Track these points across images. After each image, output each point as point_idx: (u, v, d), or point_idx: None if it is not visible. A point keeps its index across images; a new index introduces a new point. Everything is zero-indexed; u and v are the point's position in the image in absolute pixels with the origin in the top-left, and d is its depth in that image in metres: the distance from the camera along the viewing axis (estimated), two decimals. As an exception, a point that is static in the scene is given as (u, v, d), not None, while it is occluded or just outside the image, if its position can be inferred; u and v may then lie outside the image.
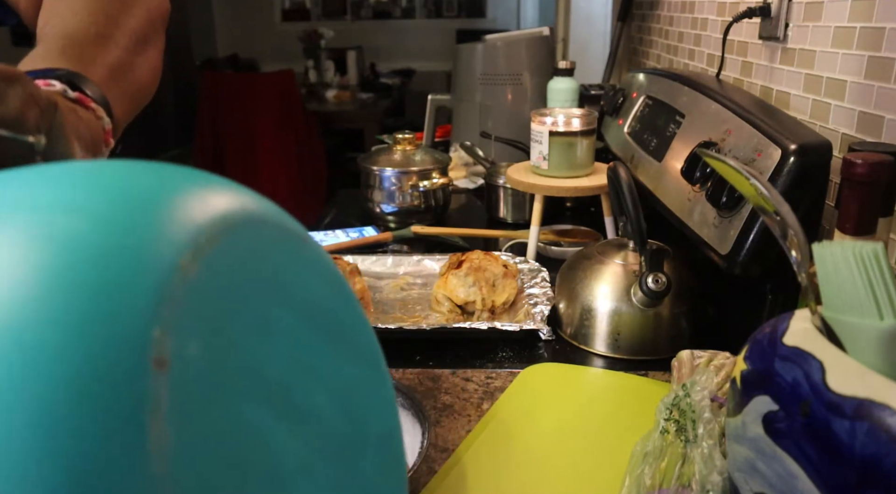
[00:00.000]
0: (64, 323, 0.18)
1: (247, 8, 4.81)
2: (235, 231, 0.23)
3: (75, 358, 0.18)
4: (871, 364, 0.32)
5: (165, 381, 0.18)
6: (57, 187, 0.22)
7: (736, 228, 0.64)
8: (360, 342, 0.33)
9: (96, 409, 0.17)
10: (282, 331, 0.26)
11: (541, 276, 0.86)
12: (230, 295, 0.23)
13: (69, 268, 0.19)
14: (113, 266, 0.19)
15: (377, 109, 3.54)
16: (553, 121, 0.93)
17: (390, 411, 0.34)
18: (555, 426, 0.61)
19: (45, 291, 0.18)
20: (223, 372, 0.22)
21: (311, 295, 0.29)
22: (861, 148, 0.54)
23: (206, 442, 0.20)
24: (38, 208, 0.21)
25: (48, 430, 0.17)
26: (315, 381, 0.28)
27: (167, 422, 0.18)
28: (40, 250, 0.19)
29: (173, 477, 0.18)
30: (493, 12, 4.94)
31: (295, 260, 0.28)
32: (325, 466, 0.28)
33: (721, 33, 0.96)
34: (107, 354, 0.18)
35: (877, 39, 0.64)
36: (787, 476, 0.34)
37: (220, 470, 0.21)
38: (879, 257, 0.32)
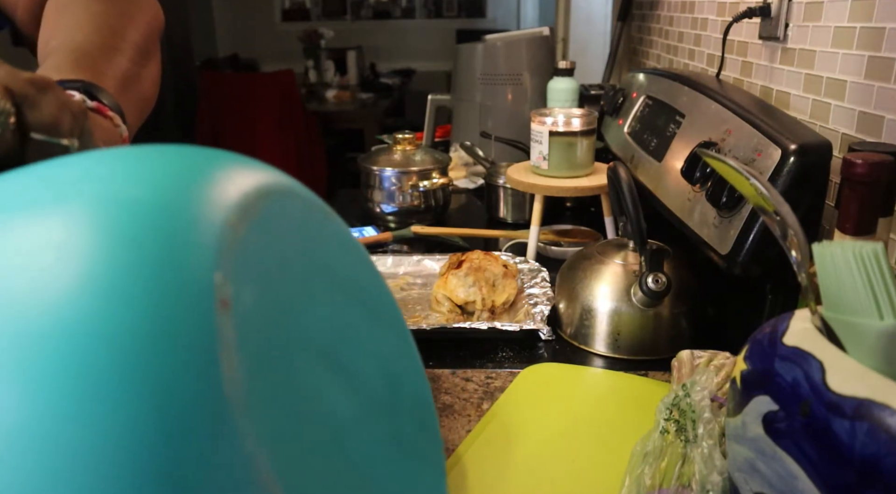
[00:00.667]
0: (139, 272, 0.20)
1: (247, 8, 4.81)
2: (273, 198, 0.26)
3: (154, 304, 0.20)
4: (871, 364, 0.32)
5: (229, 320, 0.21)
6: (114, 163, 0.24)
7: (736, 228, 0.64)
8: (388, 313, 0.35)
9: (174, 345, 0.19)
10: (322, 298, 0.29)
11: (541, 276, 0.86)
12: (274, 256, 0.25)
13: (139, 226, 0.21)
14: (175, 224, 0.21)
15: (377, 109, 3.54)
16: (553, 121, 0.93)
17: (421, 376, 0.37)
18: (555, 426, 0.61)
19: (120, 246, 0.20)
20: (277, 325, 0.24)
21: (343, 268, 0.32)
22: (861, 148, 0.54)
23: (270, 383, 0.22)
24: (102, 179, 0.23)
25: (133, 366, 0.18)
26: (356, 345, 0.30)
27: (235, 357, 0.20)
28: (110, 213, 0.21)
29: (246, 407, 0.20)
30: (493, 12, 4.94)
31: (326, 233, 0.31)
32: (371, 421, 0.30)
33: (721, 33, 0.96)
34: (179, 297, 0.20)
35: (877, 39, 0.64)
36: (787, 476, 0.34)
37: (284, 411, 0.23)
38: (879, 257, 0.32)
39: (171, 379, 0.19)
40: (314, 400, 0.26)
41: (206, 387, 0.19)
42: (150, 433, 0.18)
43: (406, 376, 0.35)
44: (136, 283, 0.20)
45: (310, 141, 3.36)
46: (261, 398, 0.21)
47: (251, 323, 0.22)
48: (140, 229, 0.21)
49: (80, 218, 0.21)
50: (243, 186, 0.25)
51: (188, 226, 0.22)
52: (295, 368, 0.25)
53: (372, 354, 0.32)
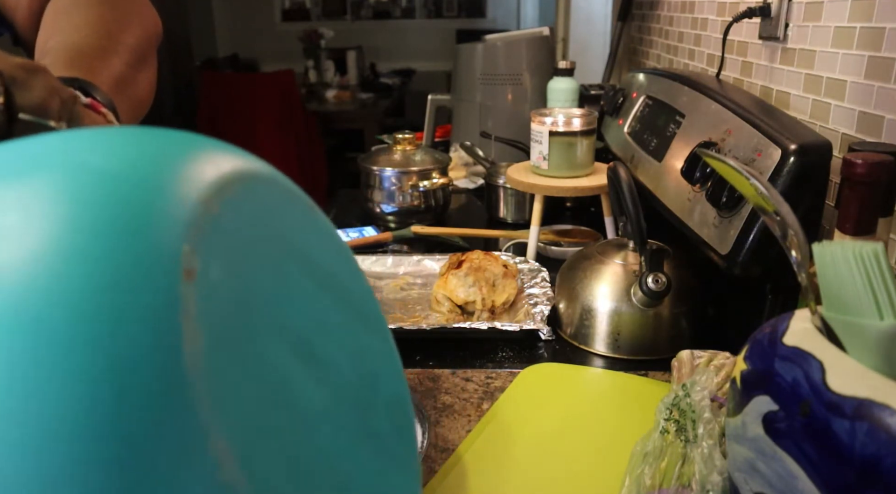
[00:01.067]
0: (107, 235, 0.20)
1: (247, 8, 4.81)
2: (251, 181, 0.26)
3: (117, 265, 0.20)
4: (871, 364, 0.32)
5: (193, 290, 0.21)
6: (92, 138, 0.24)
7: (736, 228, 0.64)
8: (369, 312, 0.35)
9: (136, 309, 0.19)
10: (298, 289, 0.29)
11: (541, 276, 0.86)
12: (248, 239, 0.26)
13: (108, 194, 0.21)
14: (146, 194, 0.22)
15: (377, 109, 3.54)
16: (553, 121, 0.93)
17: (400, 379, 0.36)
18: (555, 426, 0.61)
19: (88, 210, 0.21)
20: (245, 305, 0.24)
21: (322, 261, 0.31)
22: (861, 148, 0.54)
23: (232, 361, 0.22)
24: (77, 151, 0.23)
25: (92, 327, 0.19)
26: (331, 340, 0.30)
27: (197, 327, 0.20)
28: (81, 180, 0.22)
29: (204, 378, 0.20)
30: (493, 12, 4.94)
31: (305, 223, 0.31)
32: (344, 417, 0.29)
33: (721, 33, 0.96)
34: (145, 262, 0.20)
35: (877, 39, 0.64)
36: (787, 476, 0.34)
37: (246, 391, 0.23)
38: (879, 257, 0.32)
39: (129, 340, 0.19)
40: (280, 385, 0.25)
41: (163, 352, 0.19)
42: (103, 391, 0.18)
43: (384, 377, 0.35)
44: (100, 245, 0.20)
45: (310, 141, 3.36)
46: (221, 372, 0.21)
47: (217, 299, 0.22)
48: (109, 196, 0.21)
49: (49, 183, 0.22)
50: (222, 167, 0.25)
51: (160, 198, 0.22)
52: (261, 350, 0.25)
53: (347, 349, 0.32)
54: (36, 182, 0.22)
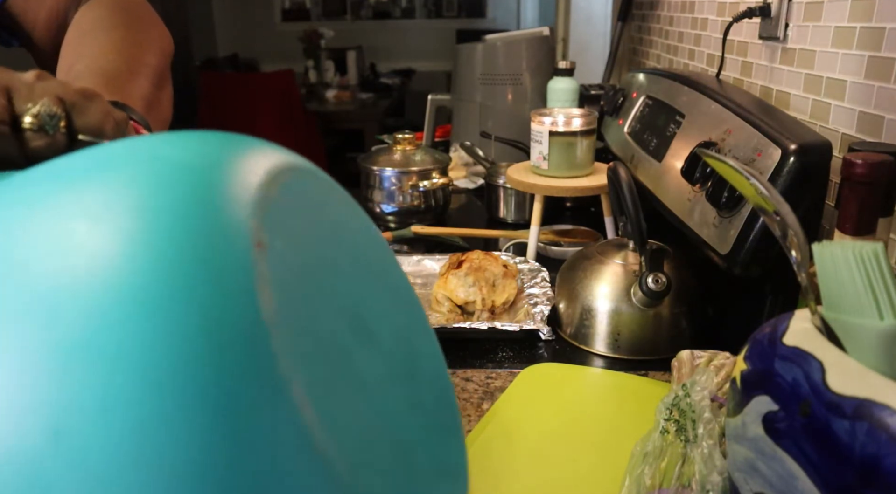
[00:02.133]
0: (189, 215, 0.23)
1: (247, 8, 4.81)
2: (299, 171, 0.30)
3: (200, 239, 0.23)
4: (871, 364, 0.32)
5: (265, 258, 0.24)
6: (156, 139, 0.27)
7: (736, 228, 0.64)
8: (406, 295, 0.38)
9: (219, 276, 0.22)
10: (345, 266, 0.32)
11: (541, 276, 0.86)
12: (301, 221, 0.29)
13: (185, 180, 0.24)
14: (216, 179, 0.25)
15: (377, 109, 3.54)
16: (553, 121, 0.93)
17: (438, 358, 0.40)
18: (555, 426, 0.61)
19: (172, 193, 0.24)
20: (305, 279, 0.27)
21: (363, 245, 0.34)
22: (861, 148, 0.54)
23: (300, 324, 0.25)
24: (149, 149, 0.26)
25: (183, 292, 0.21)
26: (376, 314, 0.33)
27: (270, 289, 0.23)
28: (158, 170, 0.25)
29: (280, 334, 0.23)
30: (493, 12, 4.94)
31: (346, 211, 0.34)
32: (393, 385, 0.32)
33: (721, 33, 0.96)
34: (222, 236, 0.23)
35: (877, 39, 0.64)
36: (787, 476, 0.34)
37: (313, 352, 0.25)
38: (879, 257, 0.32)
39: (215, 302, 0.22)
40: (338, 351, 0.28)
41: (245, 311, 0.22)
42: (198, 347, 0.21)
43: (423, 352, 0.37)
44: (183, 224, 0.23)
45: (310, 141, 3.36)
46: (292, 331, 0.24)
47: (282, 268, 0.25)
48: (186, 183, 0.24)
49: (132, 175, 0.25)
50: (274, 159, 0.28)
51: (228, 182, 0.25)
52: (321, 317, 0.28)
53: (391, 326, 0.34)
54: (121, 172, 0.25)
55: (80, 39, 0.60)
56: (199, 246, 0.22)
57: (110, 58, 0.57)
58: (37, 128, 0.34)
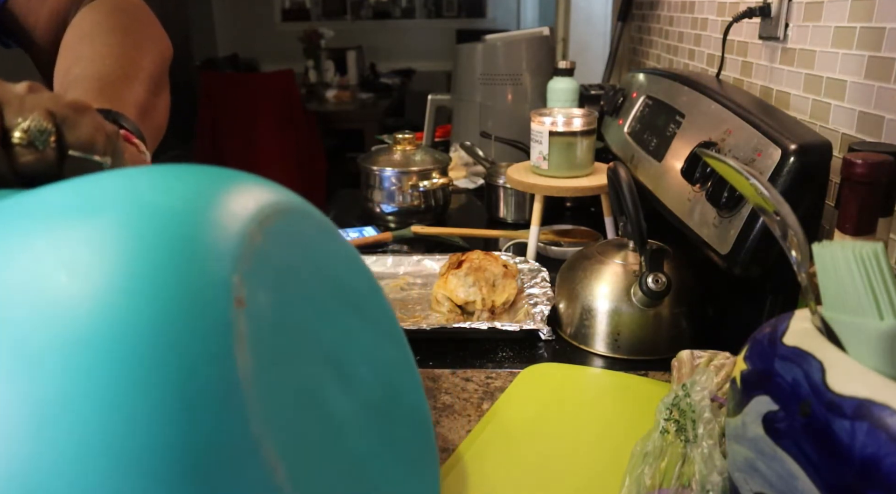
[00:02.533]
0: (167, 270, 0.23)
1: (247, 8, 4.81)
2: (287, 214, 0.29)
3: (177, 296, 0.22)
4: (871, 364, 0.32)
5: (244, 316, 0.23)
6: (141, 177, 0.27)
7: (736, 228, 0.64)
8: (389, 328, 0.38)
9: (195, 334, 0.22)
10: (329, 309, 0.31)
11: (541, 276, 0.86)
12: (287, 266, 0.28)
13: (165, 231, 0.24)
14: (198, 230, 0.24)
15: (377, 109, 3.54)
16: (553, 122, 0.93)
17: (418, 389, 0.39)
18: (555, 426, 0.61)
19: (149, 248, 0.23)
20: (287, 327, 0.27)
21: (348, 283, 0.34)
22: (861, 148, 0.54)
23: (277, 377, 0.25)
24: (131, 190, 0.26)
25: (159, 349, 0.21)
26: (358, 354, 0.33)
27: (247, 348, 0.23)
28: (140, 218, 0.24)
29: (254, 393, 0.22)
30: (493, 12, 4.94)
31: (334, 250, 0.34)
32: (370, 425, 0.32)
33: (721, 33, 0.96)
34: (200, 292, 0.23)
35: (877, 39, 0.64)
36: (787, 476, 0.34)
37: (289, 404, 0.25)
38: (879, 257, 0.32)
39: (191, 362, 0.21)
40: (316, 398, 0.28)
41: (221, 372, 0.22)
42: (172, 407, 0.21)
43: (404, 388, 0.37)
44: (163, 280, 0.22)
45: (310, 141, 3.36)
46: (268, 388, 0.24)
47: (263, 322, 0.24)
48: (166, 233, 0.24)
49: (112, 222, 0.24)
50: (261, 201, 0.28)
51: (210, 233, 0.24)
52: (301, 367, 0.27)
53: (372, 363, 0.34)
54: (98, 220, 0.24)
55: (79, 42, 0.60)
56: (178, 302, 0.22)
57: (107, 62, 0.56)
58: (26, 144, 0.33)
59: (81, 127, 0.35)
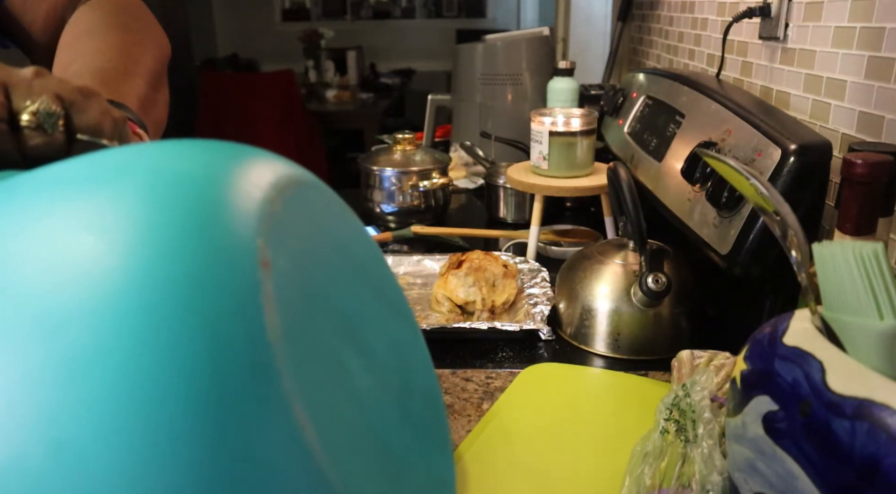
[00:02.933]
0: (197, 234, 0.23)
1: (247, 8, 4.81)
2: (302, 185, 0.30)
3: (206, 260, 0.23)
4: (871, 364, 0.32)
5: (269, 277, 0.24)
6: (161, 148, 0.27)
7: (736, 228, 0.64)
8: (401, 306, 0.38)
9: (225, 294, 0.22)
10: (345, 281, 0.32)
11: (541, 276, 0.86)
12: (304, 236, 0.28)
13: (193, 195, 0.24)
14: (222, 194, 0.25)
15: (377, 109, 3.54)
16: (553, 122, 0.93)
17: (430, 371, 0.39)
18: (555, 426, 0.61)
19: (178, 212, 0.24)
20: (307, 294, 0.27)
21: (360, 257, 0.34)
22: (861, 148, 0.54)
23: (301, 341, 0.25)
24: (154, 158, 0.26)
25: (190, 310, 0.21)
26: (372, 329, 0.33)
27: (274, 308, 0.23)
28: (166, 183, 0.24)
29: (283, 352, 0.23)
30: (493, 12, 4.94)
31: (347, 225, 0.34)
32: (388, 400, 0.32)
33: (721, 33, 0.96)
34: (227, 252, 0.23)
35: (877, 39, 0.64)
36: (787, 476, 0.34)
37: (313, 369, 0.26)
38: (879, 257, 0.32)
39: (221, 320, 0.22)
40: (339, 368, 0.28)
41: (251, 332, 0.22)
42: (202, 365, 0.21)
43: (417, 368, 0.37)
44: (189, 240, 0.23)
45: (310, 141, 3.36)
46: (295, 351, 0.24)
47: (286, 287, 0.25)
48: (189, 196, 0.24)
49: (134, 186, 0.24)
50: (277, 171, 0.28)
51: (232, 197, 0.25)
52: (323, 336, 0.28)
53: (385, 339, 0.34)
54: (123, 184, 0.24)
55: (77, 39, 0.60)
56: (206, 265, 0.22)
57: (107, 57, 0.56)
58: (35, 127, 0.33)
59: (89, 111, 0.36)
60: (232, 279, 0.23)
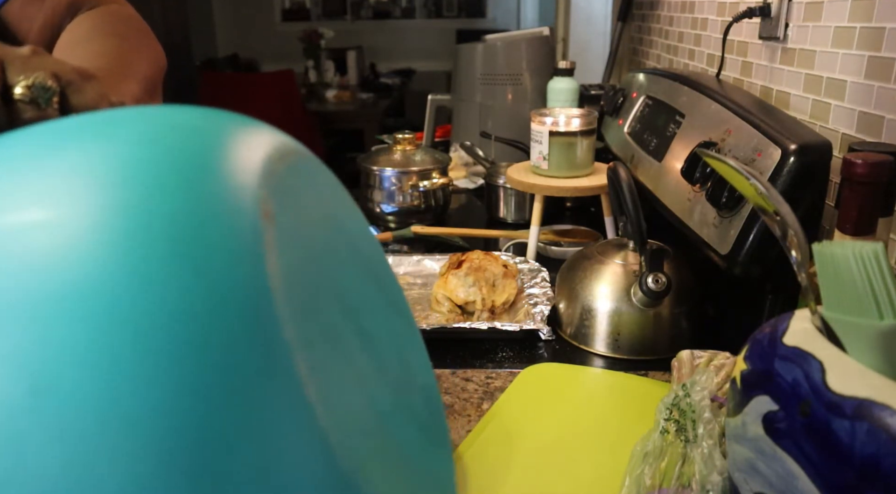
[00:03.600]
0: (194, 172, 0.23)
1: (247, 8, 4.81)
2: (301, 155, 0.29)
3: (208, 199, 0.22)
4: (871, 364, 0.32)
5: (272, 228, 0.23)
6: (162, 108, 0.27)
7: (736, 228, 0.64)
8: (399, 302, 0.37)
9: (224, 238, 0.22)
10: (344, 261, 0.31)
11: (541, 276, 0.86)
12: (303, 205, 0.28)
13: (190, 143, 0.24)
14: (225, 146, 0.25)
15: (377, 109, 3.54)
16: (553, 121, 0.93)
17: (429, 368, 0.38)
18: (555, 426, 0.61)
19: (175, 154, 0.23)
20: (307, 262, 0.26)
21: (360, 244, 0.34)
22: (861, 148, 0.54)
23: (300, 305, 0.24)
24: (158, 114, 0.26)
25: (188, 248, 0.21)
26: (373, 317, 0.32)
27: (275, 257, 0.23)
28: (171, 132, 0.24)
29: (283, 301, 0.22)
30: (493, 12, 4.94)
31: (345, 207, 0.33)
32: (388, 389, 0.31)
33: (721, 33, 0.96)
34: (231, 198, 0.23)
35: (877, 39, 0.64)
36: (787, 476, 0.34)
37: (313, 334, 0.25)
38: (879, 257, 0.32)
39: (221, 262, 0.21)
40: (341, 344, 0.27)
41: (251, 274, 0.21)
42: (198, 305, 0.20)
43: (416, 364, 0.36)
44: (195, 184, 0.23)
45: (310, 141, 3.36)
46: (295, 309, 0.23)
47: (286, 246, 0.24)
48: (198, 143, 0.24)
49: (141, 132, 0.24)
50: (280, 139, 0.28)
51: (238, 150, 0.25)
52: (323, 306, 0.27)
53: (386, 330, 0.33)
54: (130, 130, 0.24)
55: (74, 45, 0.60)
56: (206, 203, 0.22)
57: (103, 61, 0.56)
58: (28, 100, 0.33)
59: (86, 92, 0.35)
60: (234, 221, 0.22)
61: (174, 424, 0.19)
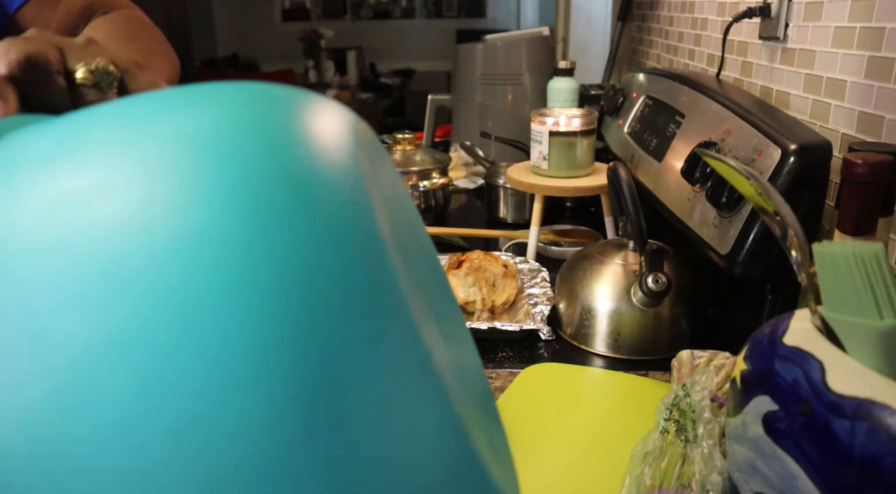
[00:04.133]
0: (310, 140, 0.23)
1: (247, 8, 4.81)
2: (373, 134, 0.30)
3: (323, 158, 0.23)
4: (871, 364, 0.32)
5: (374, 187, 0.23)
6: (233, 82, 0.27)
7: (736, 228, 0.64)
8: (445, 282, 0.37)
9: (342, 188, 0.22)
10: (408, 239, 0.31)
11: (541, 276, 0.86)
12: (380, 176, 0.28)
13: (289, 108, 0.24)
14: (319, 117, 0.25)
15: (377, 109, 3.54)
16: (553, 122, 0.93)
17: (475, 350, 0.39)
18: (555, 426, 0.61)
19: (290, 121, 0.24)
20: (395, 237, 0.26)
21: (415, 223, 0.34)
22: (861, 148, 0.54)
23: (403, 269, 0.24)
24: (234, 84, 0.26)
25: (314, 200, 0.21)
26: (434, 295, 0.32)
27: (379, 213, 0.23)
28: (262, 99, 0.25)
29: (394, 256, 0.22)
30: (493, 12, 4.94)
31: (401, 184, 0.33)
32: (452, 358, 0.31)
33: (721, 33, 0.96)
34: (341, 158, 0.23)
35: (877, 39, 0.64)
36: (787, 476, 0.34)
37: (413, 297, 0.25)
38: (879, 257, 0.32)
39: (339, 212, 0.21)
40: (429, 311, 0.28)
41: (366, 224, 0.22)
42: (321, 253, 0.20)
43: (467, 346, 0.36)
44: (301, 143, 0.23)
45: (310, 141, 3.36)
46: (397, 262, 0.23)
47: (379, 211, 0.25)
48: (290, 110, 0.24)
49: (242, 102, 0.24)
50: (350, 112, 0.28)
51: (326, 116, 0.25)
52: (411, 273, 0.27)
53: (444, 310, 0.34)
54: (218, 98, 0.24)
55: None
56: (319, 159, 0.22)
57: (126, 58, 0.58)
58: (91, 84, 0.34)
59: (142, 80, 0.36)
60: (345, 173, 0.22)
61: (304, 361, 0.19)
